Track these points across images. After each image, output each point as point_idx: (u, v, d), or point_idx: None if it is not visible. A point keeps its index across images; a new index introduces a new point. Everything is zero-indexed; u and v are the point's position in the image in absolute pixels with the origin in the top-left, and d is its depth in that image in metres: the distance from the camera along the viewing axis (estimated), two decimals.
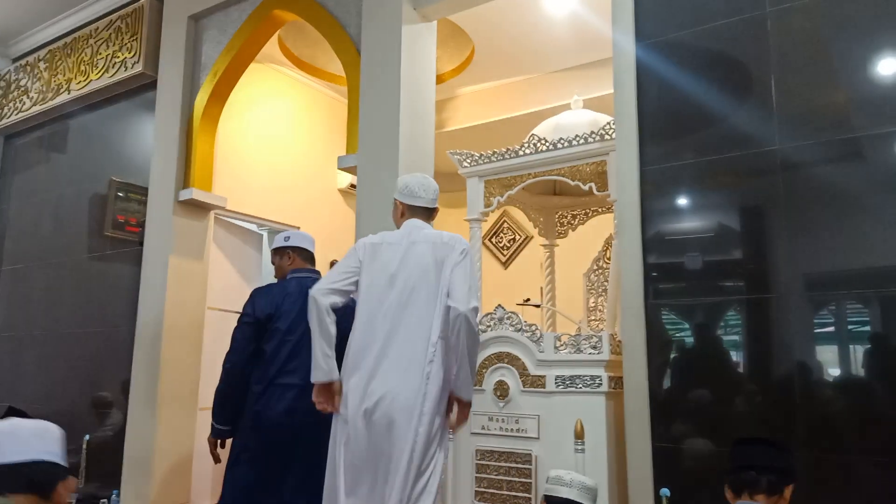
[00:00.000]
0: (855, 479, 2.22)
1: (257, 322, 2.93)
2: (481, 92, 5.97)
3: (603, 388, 2.75)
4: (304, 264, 3.16)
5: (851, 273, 2.36)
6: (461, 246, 2.49)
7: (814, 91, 2.49)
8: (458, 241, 2.53)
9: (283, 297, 2.98)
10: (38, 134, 5.73)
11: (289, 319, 2.92)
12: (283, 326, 2.90)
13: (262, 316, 2.94)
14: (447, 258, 2.46)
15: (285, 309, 2.95)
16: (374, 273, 2.54)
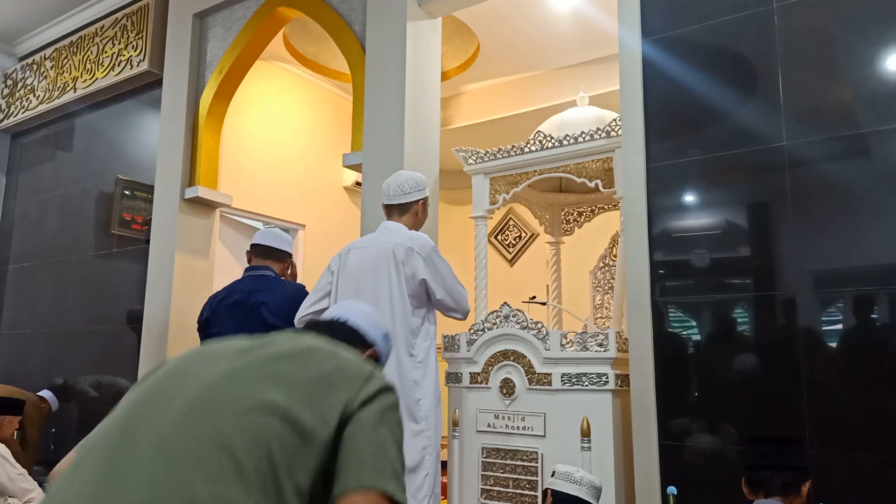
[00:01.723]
0: (863, 477, 2.21)
1: (200, 328, 2.98)
2: (486, 89, 5.95)
3: (609, 385, 2.74)
4: (258, 261, 3.15)
5: (859, 270, 2.34)
6: (424, 252, 2.55)
7: (821, 87, 2.47)
8: (420, 245, 2.57)
9: (222, 299, 3.00)
10: (45, 132, 5.75)
11: (221, 323, 2.93)
12: (215, 331, 2.91)
13: (201, 321, 2.98)
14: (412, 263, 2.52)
15: (222, 313, 2.96)
16: (343, 279, 2.63)
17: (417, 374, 2.52)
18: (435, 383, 2.58)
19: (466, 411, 3.06)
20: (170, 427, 1.02)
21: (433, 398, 2.55)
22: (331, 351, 1.23)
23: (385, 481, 1.07)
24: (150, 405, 1.08)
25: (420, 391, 2.50)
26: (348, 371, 1.18)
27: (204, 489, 0.95)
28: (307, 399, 1.10)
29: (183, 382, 1.11)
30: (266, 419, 1.05)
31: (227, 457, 0.99)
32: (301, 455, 1.05)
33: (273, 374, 1.13)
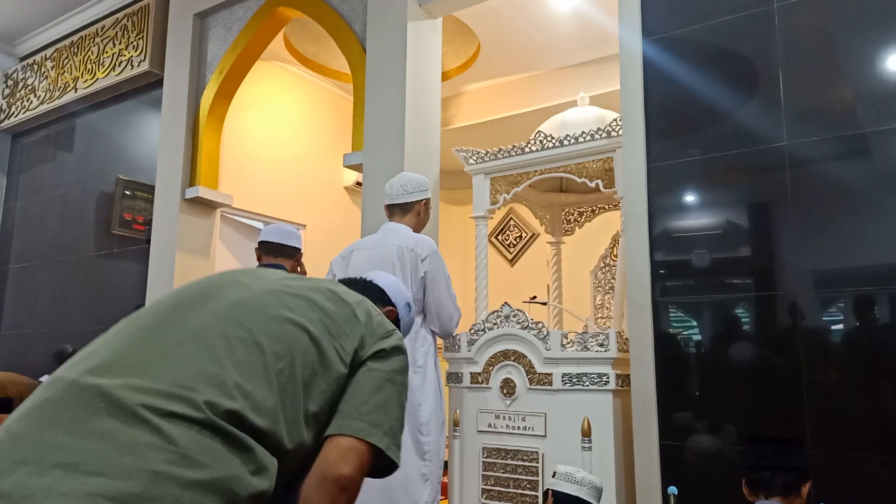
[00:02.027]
0: (864, 477, 2.21)
1: None
2: (487, 89, 5.95)
3: (610, 385, 2.74)
4: (269, 259, 3.12)
5: (860, 270, 2.34)
6: (425, 253, 2.54)
7: (821, 87, 2.47)
8: (424, 247, 2.56)
9: None
10: (45, 132, 5.75)
11: None
12: None
13: None
14: (415, 264, 2.51)
15: None
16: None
17: (417, 378, 2.51)
18: (435, 388, 2.57)
19: (467, 411, 3.06)
20: (210, 318, 1.05)
21: (434, 403, 2.54)
22: (362, 300, 1.27)
23: (378, 436, 1.09)
24: (193, 301, 1.11)
25: (421, 396, 2.49)
26: (373, 321, 1.22)
27: (230, 377, 0.98)
28: (334, 332, 1.14)
29: (223, 290, 1.14)
30: (297, 333, 1.09)
31: (257, 355, 1.03)
32: (318, 380, 1.08)
33: (309, 300, 1.16)
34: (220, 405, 0.94)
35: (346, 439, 1.07)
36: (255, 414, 0.97)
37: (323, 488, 1.04)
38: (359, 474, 1.06)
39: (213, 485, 0.88)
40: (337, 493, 1.03)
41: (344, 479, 1.04)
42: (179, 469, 0.85)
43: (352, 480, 1.05)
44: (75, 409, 0.88)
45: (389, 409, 1.14)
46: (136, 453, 0.84)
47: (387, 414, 1.13)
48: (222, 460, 0.90)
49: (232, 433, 0.93)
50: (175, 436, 0.88)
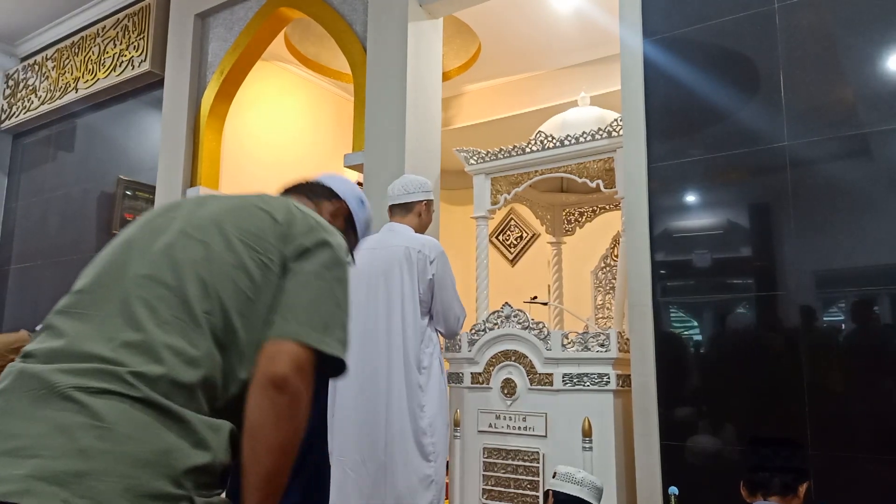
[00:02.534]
0: (864, 477, 2.21)
1: None
2: (488, 89, 5.95)
3: (611, 385, 2.74)
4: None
5: (861, 270, 2.34)
6: (433, 255, 2.54)
7: (823, 87, 2.47)
8: (430, 248, 2.56)
9: None
10: (46, 133, 5.76)
11: None
12: None
13: None
14: (423, 266, 2.51)
15: None
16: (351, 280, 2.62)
17: (422, 379, 2.51)
18: (439, 389, 2.56)
19: (468, 411, 3.06)
20: (130, 285, 1.04)
21: (438, 404, 2.53)
22: (283, 202, 1.20)
23: (308, 333, 1.04)
24: (115, 268, 1.09)
25: (424, 397, 2.49)
26: (295, 218, 1.16)
27: (157, 339, 0.98)
28: (258, 247, 1.10)
29: (139, 245, 1.11)
30: (220, 267, 1.06)
31: (180, 307, 1.01)
32: (256, 304, 1.06)
33: (226, 225, 1.12)
34: (148, 373, 0.94)
35: (274, 343, 1.03)
36: (188, 368, 0.97)
37: (258, 392, 1.00)
38: (294, 372, 1.00)
39: (143, 457, 0.89)
40: (274, 393, 0.99)
41: (278, 377, 0.99)
42: (108, 444, 0.87)
43: (286, 379, 0.99)
44: (23, 397, 0.92)
45: (319, 305, 1.07)
46: (68, 434, 0.87)
47: (316, 311, 1.07)
48: (155, 433, 0.91)
49: (165, 406, 0.93)
50: (104, 413, 0.90)
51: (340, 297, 1.12)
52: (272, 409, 0.99)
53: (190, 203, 1.21)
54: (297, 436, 1.01)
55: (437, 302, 2.60)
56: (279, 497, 1.01)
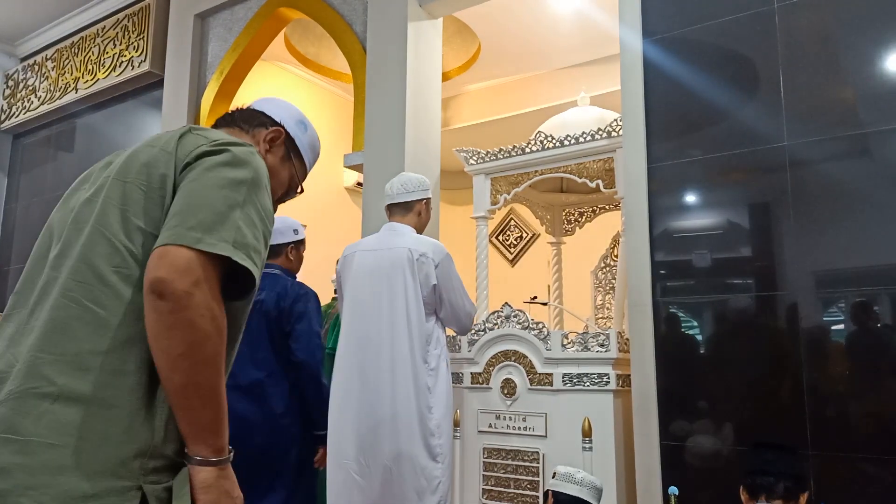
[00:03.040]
0: (865, 478, 2.21)
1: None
2: (487, 89, 5.96)
3: (611, 385, 2.74)
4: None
5: (861, 270, 2.34)
6: (438, 258, 2.53)
7: (822, 87, 2.47)
8: (434, 251, 2.55)
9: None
10: (46, 133, 5.76)
11: None
12: None
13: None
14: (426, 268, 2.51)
15: None
16: (352, 282, 2.61)
17: (430, 381, 2.49)
18: (447, 390, 2.55)
19: (468, 412, 3.06)
20: (40, 296, 1.02)
21: (445, 405, 2.53)
22: (175, 134, 1.12)
23: (182, 234, 0.96)
24: (32, 276, 1.08)
25: (433, 398, 2.48)
26: (185, 143, 1.09)
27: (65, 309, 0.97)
28: (147, 185, 1.04)
29: (52, 244, 1.09)
30: (119, 218, 1.02)
31: (88, 271, 0.99)
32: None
33: (121, 175, 1.07)
34: (61, 360, 0.93)
35: (154, 252, 0.96)
36: (98, 335, 0.95)
37: (145, 305, 0.94)
38: (172, 274, 0.93)
39: (66, 462, 0.89)
40: (155, 299, 0.93)
41: (155, 281, 0.93)
42: (26, 458, 0.88)
43: (163, 281, 0.92)
44: None
45: (198, 206, 0.99)
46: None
47: (192, 212, 0.98)
48: (77, 432, 0.91)
49: (83, 395, 0.92)
50: (17, 424, 0.90)
51: (232, 197, 1.02)
52: (157, 317, 0.93)
53: (98, 166, 1.18)
54: (200, 342, 0.94)
55: (446, 304, 2.58)
56: (212, 409, 0.96)
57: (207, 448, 0.97)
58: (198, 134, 1.11)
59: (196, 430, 0.96)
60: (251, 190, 1.05)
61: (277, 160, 1.36)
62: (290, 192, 1.43)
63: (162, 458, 0.96)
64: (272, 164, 1.33)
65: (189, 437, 0.96)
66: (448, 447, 2.49)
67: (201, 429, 0.96)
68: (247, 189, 1.04)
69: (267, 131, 1.35)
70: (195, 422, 0.96)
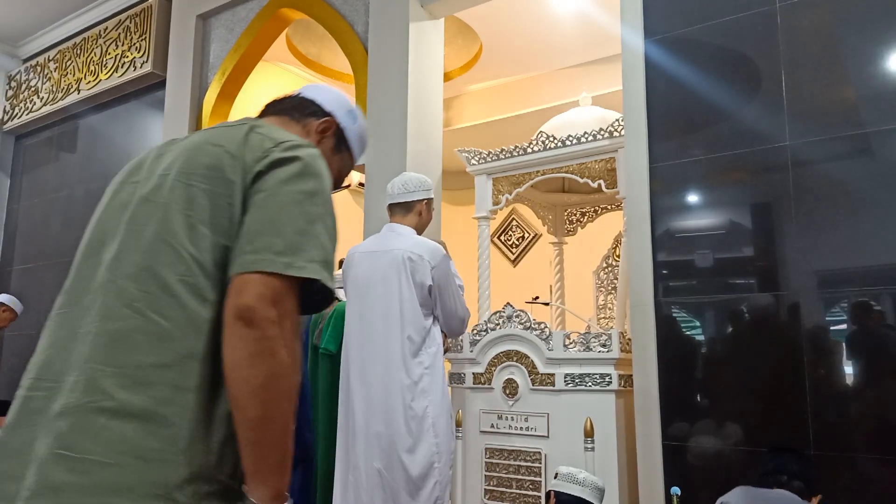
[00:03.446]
0: (867, 478, 2.20)
1: None
2: (489, 89, 5.96)
3: (613, 386, 2.74)
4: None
5: (862, 270, 2.34)
6: (435, 260, 2.52)
7: (824, 87, 2.47)
8: (431, 253, 2.55)
9: None
10: (48, 134, 5.77)
11: None
12: None
13: None
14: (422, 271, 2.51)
15: None
16: (351, 284, 2.62)
17: (425, 380, 2.49)
18: (443, 390, 2.55)
19: (469, 412, 3.06)
20: (91, 310, 0.96)
21: (442, 405, 2.53)
22: (237, 129, 1.07)
23: (269, 260, 0.92)
24: (82, 282, 1.03)
25: (428, 398, 2.48)
26: (249, 145, 1.03)
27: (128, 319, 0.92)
28: (217, 193, 0.99)
29: (105, 249, 1.03)
30: (187, 224, 0.97)
31: (151, 280, 0.94)
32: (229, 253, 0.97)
33: (183, 174, 1.02)
34: (120, 373, 0.89)
35: (236, 278, 0.92)
36: (160, 347, 0.90)
37: (226, 330, 0.90)
38: (261, 302, 0.89)
39: (121, 483, 0.86)
40: (241, 327, 0.89)
41: (242, 308, 0.89)
42: (79, 477, 0.85)
43: (251, 309, 0.89)
44: (21, 429, 0.92)
45: (278, 225, 0.95)
46: (41, 469, 0.87)
47: (276, 232, 0.94)
48: (132, 450, 0.86)
49: (140, 411, 0.88)
50: (71, 440, 0.87)
51: (312, 211, 0.98)
52: (243, 345, 0.89)
53: (149, 157, 1.11)
54: (282, 375, 0.91)
55: (439, 307, 2.58)
56: (282, 448, 0.91)
57: (269, 490, 0.90)
58: (261, 134, 1.06)
59: (261, 468, 0.90)
60: (326, 199, 1.02)
61: (328, 151, 1.29)
62: (336, 184, 1.36)
63: (216, 482, 0.91)
64: (323, 155, 1.27)
65: (252, 476, 0.90)
66: (445, 447, 2.48)
67: (267, 468, 0.90)
68: (322, 200, 1.01)
69: (318, 122, 1.29)
70: (262, 459, 0.90)
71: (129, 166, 1.13)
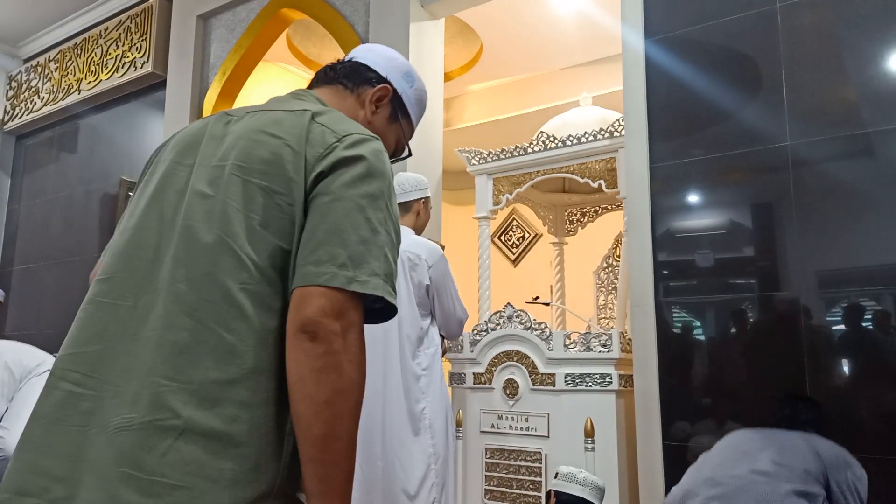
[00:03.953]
0: (868, 479, 2.20)
1: None
2: (489, 89, 5.96)
3: (613, 386, 2.74)
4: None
5: (863, 270, 2.34)
6: (432, 260, 2.52)
7: (825, 87, 2.47)
8: (429, 253, 2.55)
9: None
10: (49, 134, 5.77)
11: None
12: None
13: None
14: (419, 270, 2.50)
15: None
16: None
17: (423, 381, 2.50)
18: (441, 390, 2.55)
19: (470, 412, 3.06)
20: (153, 313, 0.91)
21: (440, 405, 2.52)
22: (300, 122, 1.00)
23: (332, 274, 0.88)
24: (137, 283, 0.96)
25: (426, 399, 2.48)
26: (310, 140, 0.97)
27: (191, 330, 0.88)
28: (276, 188, 0.94)
29: (164, 252, 0.96)
30: (246, 225, 0.92)
31: (213, 288, 0.90)
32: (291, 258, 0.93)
33: (241, 169, 0.96)
34: (185, 388, 0.85)
35: (298, 291, 0.89)
36: (226, 363, 0.87)
37: (290, 344, 0.87)
38: (323, 316, 0.86)
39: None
40: (305, 341, 0.86)
41: (306, 322, 0.86)
42: (150, 499, 0.81)
43: (316, 323, 0.86)
44: (69, 431, 0.88)
45: (341, 234, 0.90)
46: (107, 488, 0.83)
47: (339, 242, 0.90)
48: (204, 472, 0.84)
49: (210, 431, 0.85)
50: (141, 458, 0.83)
51: (376, 217, 0.93)
52: (307, 360, 0.86)
53: (205, 138, 1.04)
54: (347, 391, 0.87)
55: (437, 307, 2.59)
56: (346, 466, 0.88)
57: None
58: (323, 125, 0.99)
59: (325, 488, 0.86)
60: (389, 202, 0.97)
61: (384, 121, 1.23)
62: (396, 154, 1.31)
63: (283, 497, 0.89)
64: (379, 126, 1.21)
65: (314, 495, 0.86)
66: (443, 447, 2.48)
67: (330, 488, 0.87)
68: (385, 204, 0.96)
69: (373, 90, 1.21)
70: (326, 479, 0.86)
71: (181, 142, 1.06)
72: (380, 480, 2.39)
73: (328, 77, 1.24)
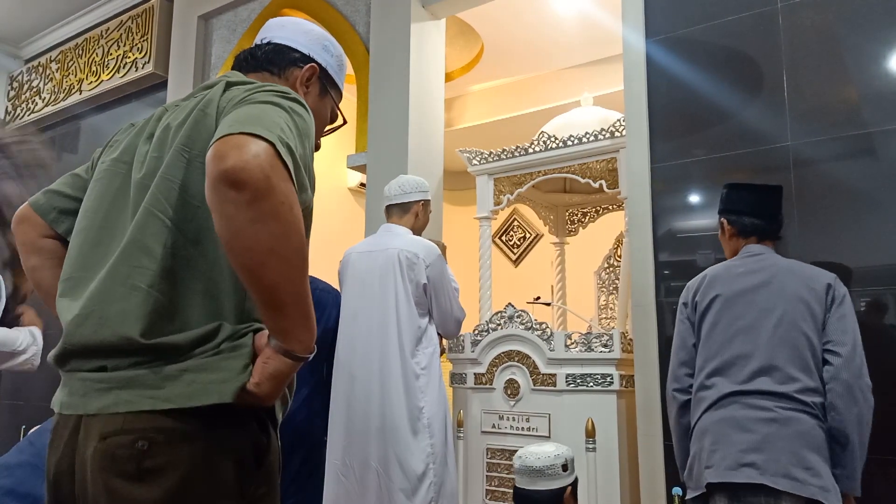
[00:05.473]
0: (869, 479, 2.20)
1: None
2: (490, 89, 5.95)
3: (614, 386, 2.74)
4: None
5: (864, 270, 2.33)
6: (429, 259, 2.53)
7: (826, 87, 2.46)
8: (426, 252, 2.55)
9: None
10: (50, 134, 5.77)
11: None
12: None
13: None
14: (417, 269, 2.51)
15: None
16: (348, 284, 2.63)
17: (422, 380, 2.50)
18: (439, 389, 2.55)
19: (471, 412, 3.06)
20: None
21: (438, 405, 2.52)
22: (213, 89, 1.07)
23: (251, 126, 0.87)
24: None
25: (424, 399, 2.48)
26: (224, 100, 1.03)
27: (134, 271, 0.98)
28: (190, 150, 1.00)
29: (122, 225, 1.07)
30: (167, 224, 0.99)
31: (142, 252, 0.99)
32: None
33: (177, 145, 1.03)
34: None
35: (211, 149, 0.86)
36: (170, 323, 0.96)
37: (212, 197, 0.85)
38: (250, 161, 0.83)
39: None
40: (229, 190, 0.82)
41: (228, 170, 0.83)
42: None
43: (240, 171, 0.82)
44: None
45: (252, 116, 0.91)
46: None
47: (250, 119, 0.89)
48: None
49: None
50: None
51: (278, 114, 0.94)
52: (235, 212, 0.83)
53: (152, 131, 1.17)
54: (286, 237, 0.85)
55: (434, 306, 2.59)
56: (304, 307, 0.89)
57: (300, 345, 0.91)
58: (233, 92, 1.04)
59: (289, 327, 0.89)
60: (292, 115, 0.97)
61: (316, 98, 1.25)
62: (332, 122, 1.35)
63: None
64: (312, 105, 1.23)
65: (280, 336, 0.89)
66: (441, 447, 2.47)
67: (294, 326, 0.89)
68: (295, 117, 0.97)
69: (301, 71, 1.22)
70: (288, 319, 0.89)
71: (136, 130, 1.29)
72: (378, 480, 2.39)
73: (250, 65, 1.23)
